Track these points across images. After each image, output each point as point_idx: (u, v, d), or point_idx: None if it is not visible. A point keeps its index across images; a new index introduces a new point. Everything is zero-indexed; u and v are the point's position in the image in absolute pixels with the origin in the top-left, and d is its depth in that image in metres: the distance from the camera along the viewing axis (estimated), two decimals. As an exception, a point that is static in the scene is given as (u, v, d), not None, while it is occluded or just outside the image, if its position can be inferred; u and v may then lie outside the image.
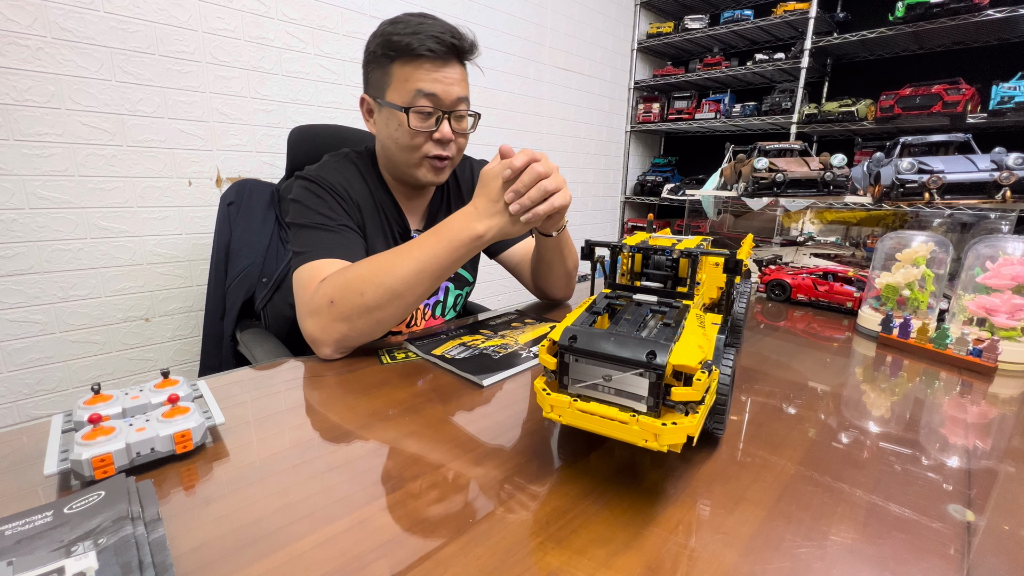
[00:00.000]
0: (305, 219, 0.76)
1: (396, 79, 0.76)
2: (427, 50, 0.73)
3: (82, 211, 1.28)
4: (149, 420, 0.43)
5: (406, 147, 0.79)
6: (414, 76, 0.75)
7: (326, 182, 0.79)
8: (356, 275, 0.65)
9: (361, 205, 0.82)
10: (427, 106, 0.76)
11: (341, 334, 0.65)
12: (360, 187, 0.83)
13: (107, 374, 1.39)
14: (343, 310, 0.64)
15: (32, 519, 0.31)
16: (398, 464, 0.43)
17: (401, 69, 0.76)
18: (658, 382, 0.35)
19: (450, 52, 0.76)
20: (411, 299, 0.66)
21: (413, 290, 0.65)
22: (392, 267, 0.65)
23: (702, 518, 0.37)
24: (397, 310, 0.66)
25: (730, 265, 0.46)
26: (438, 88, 0.75)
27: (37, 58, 1.16)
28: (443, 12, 2.03)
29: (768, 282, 1.04)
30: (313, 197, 0.77)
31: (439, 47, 0.74)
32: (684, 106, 2.98)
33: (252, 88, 1.51)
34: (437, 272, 0.65)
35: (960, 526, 0.37)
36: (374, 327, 0.66)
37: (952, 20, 1.99)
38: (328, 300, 0.64)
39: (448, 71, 0.76)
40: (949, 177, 0.96)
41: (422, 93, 0.75)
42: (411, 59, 0.75)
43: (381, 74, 0.78)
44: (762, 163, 1.21)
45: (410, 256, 0.65)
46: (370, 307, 0.64)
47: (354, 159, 0.86)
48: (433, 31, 0.74)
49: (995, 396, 0.62)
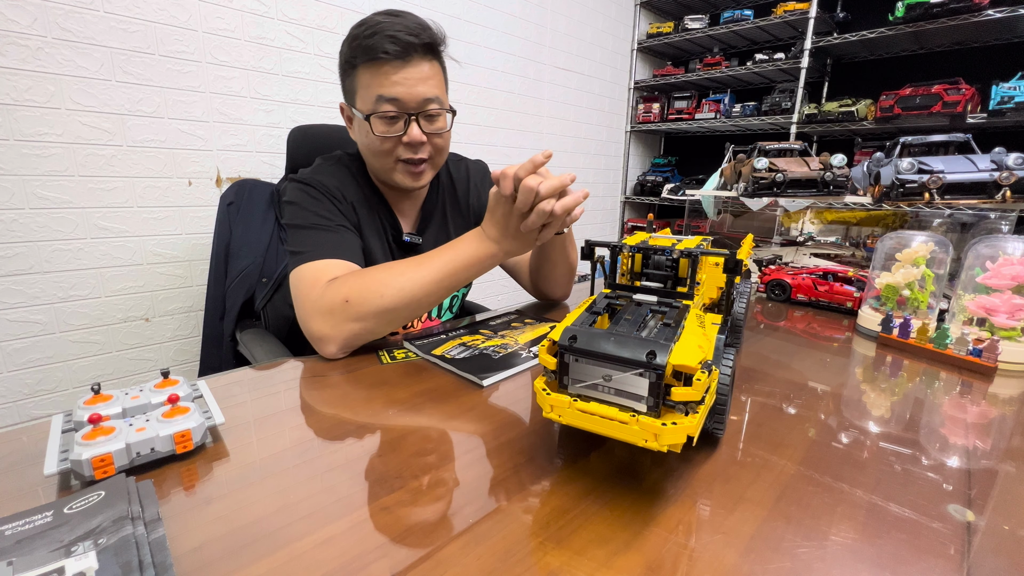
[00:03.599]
0: (301, 220, 0.75)
1: (360, 85, 0.75)
2: (383, 52, 0.71)
3: (82, 211, 1.28)
4: (149, 420, 0.43)
5: (377, 153, 0.78)
6: (375, 81, 0.73)
7: (320, 184, 0.78)
8: (376, 278, 0.67)
9: (356, 206, 0.81)
10: (391, 110, 0.74)
11: (353, 333, 0.66)
12: (354, 189, 0.83)
13: (107, 374, 1.39)
14: (360, 310, 0.65)
15: (32, 519, 0.31)
16: (398, 464, 0.43)
17: (363, 75, 0.74)
18: (658, 382, 0.35)
19: (410, 50, 0.73)
20: (426, 305, 0.68)
21: (430, 297, 0.68)
22: (415, 273, 0.67)
23: (702, 518, 0.37)
24: (411, 313, 0.68)
25: (730, 265, 0.46)
26: (399, 91, 0.73)
27: (37, 58, 1.16)
28: (443, 12, 2.05)
29: (768, 282, 1.04)
30: (308, 199, 0.77)
31: (395, 47, 0.71)
32: (684, 106, 2.98)
33: (252, 88, 1.51)
34: (454, 284, 0.69)
35: (960, 526, 0.37)
36: (384, 327, 0.68)
37: (952, 20, 1.99)
38: (343, 299, 0.64)
39: (409, 71, 0.73)
40: (949, 177, 0.96)
41: (384, 98, 0.73)
42: (370, 63, 0.73)
43: (350, 81, 0.77)
44: (762, 163, 1.21)
45: (431, 266, 0.68)
46: (387, 308, 0.65)
47: (346, 162, 0.86)
48: (391, 31, 0.71)
49: (995, 396, 0.62)
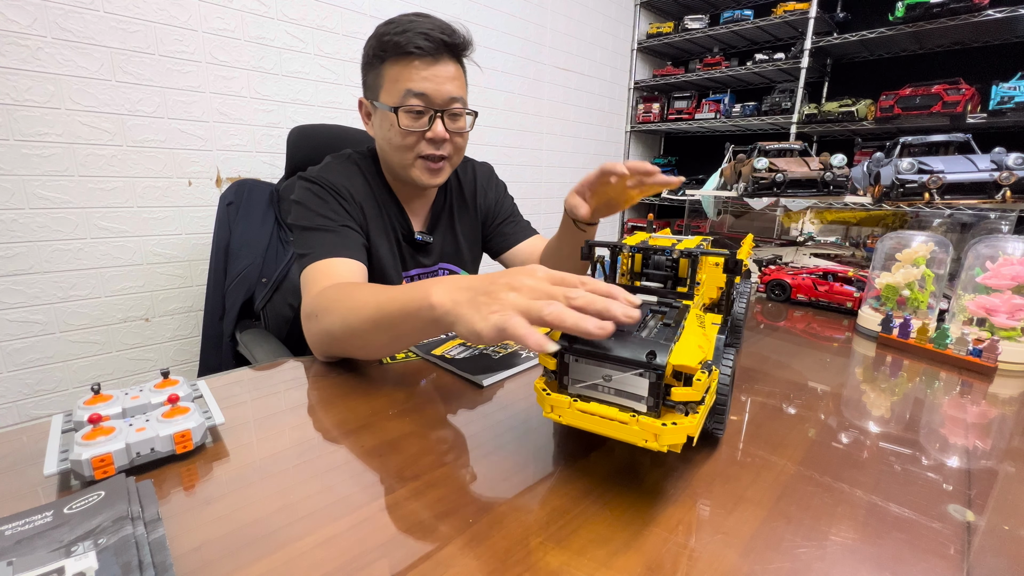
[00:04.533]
0: (307, 221, 0.75)
1: (387, 79, 0.76)
2: (415, 47, 0.72)
3: (82, 211, 1.28)
4: (149, 420, 0.43)
5: (399, 147, 0.78)
6: (404, 75, 0.74)
7: (328, 183, 0.78)
8: (335, 303, 0.61)
9: (364, 206, 0.81)
10: (418, 105, 0.75)
11: (326, 344, 0.63)
12: (363, 188, 0.83)
13: (107, 374, 1.39)
14: (324, 325, 0.62)
15: (32, 519, 0.31)
16: (398, 464, 0.43)
17: (391, 69, 0.75)
18: (658, 382, 0.35)
19: (441, 49, 0.74)
20: (371, 349, 0.60)
21: (371, 341, 0.57)
22: (357, 311, 0.57)
23: (702, 518, 0.37)
24: (361, 351, 0.61)
25: (730, 265, 0.46)
26: (428, 87, 0.74)
27: (37, 58, 1.16)
28: (443, 12, 2.03)
29: (768, 282, 1.04)
30: (315, 198, 0.77)
31: (428, 44, 0.73)
32: (684, 106, 2.98)
33: (252, 88, 1.51)
34: (388, 327, 0.54)
35: (960, 526, 0.37)
36: (349, 351, 0.62)
37: (952, 20, 1.99)
38: (314, 314, 0.63)
39: (439, 69, 0.75)
40: (949, 177, 0.96)
41: (412, 92, 0.74)
42: (400, 58, 0.74)
43: (375, 76, 0.78)
44: (762, 163, 1.21)
45: (372, 308, 0.55)
46: (338, 339, 0.60)
47: (356, 160, 0.86)
48: (423, 28, 0.73)
49: (995, 396, 0.62)
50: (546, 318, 0.38)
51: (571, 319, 0.37)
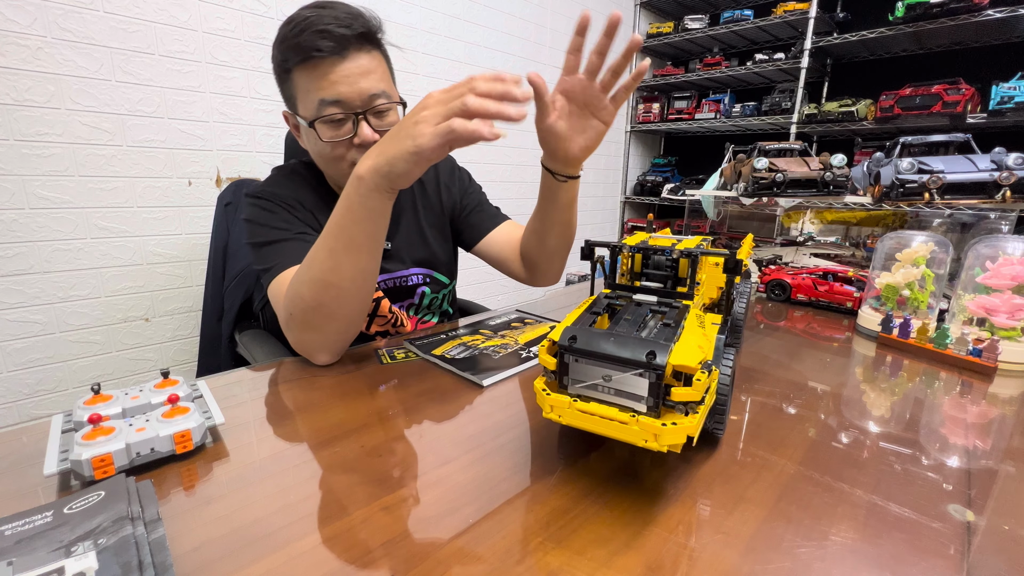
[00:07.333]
0: (261, 236, 0.73)
1: (299, 90, 0.70)
2: (316, 50, 0.65)
3: (82, 211, 1.28)
4: (149, 420, 0.43)
5: (330, 159, 0.73)
6: (313, 84, 0.67)
7: (275, 195, 0.75)
8: (294, 280, 0.61)
9: (315, 213, 0.78)
10: (336, 113, 0.68)
11: (316, 341, 0.62)
12: (311, 196, 0.79)
13: (107, 374, 1.39)
14: (300, 319, 0.61)
15: (32, 519, 0.31)
16: (398, 464, 0.43)
17: (300, 78, 0.68)
18: (658, 382, 0.35)
19: (346, 43, 0.66)
20: (343, 284, 0.59)
21: (337, 272, 0.58)
22: (312, 258, 0.59)
23: (702, 518, 0.37)
24: (337, 301, 0.60)
25: (730, 265, 0.46)
26: (342, 90, 0.67)
27: (37, 58, 1.16)
28: (443, 12, 2.05)
29: (768, 282, 1.04)
30: (264, 213, 0.74)
31: (328, 43, 0.65)
32: (684, 106, 2.98)
33: (252, 88, 1.51)
34: (347, 241, 0.57)
35: (960, 526, 0.37)
36: (335, 325, 0.62)
37: (952, 20, 1.99)
38: (288, 314, 0.63)
39: (348, 66, 0.67)
40: (949, 177, 0.96)
41: (326, 102, 0.67)
42: (304, 64, 0.67)
43: (288, 87, 0.72)
44: (762, 163, 1.21)
45: (322, 240, 0.58)
46: (312, 307, 0.59)
47: (301, 170, 0.82)
48: (321, 25, 0.65)
49: (995, 396, 0.62)
50: (469, 106, 0.44)
51: (493, 106, 0.44)
